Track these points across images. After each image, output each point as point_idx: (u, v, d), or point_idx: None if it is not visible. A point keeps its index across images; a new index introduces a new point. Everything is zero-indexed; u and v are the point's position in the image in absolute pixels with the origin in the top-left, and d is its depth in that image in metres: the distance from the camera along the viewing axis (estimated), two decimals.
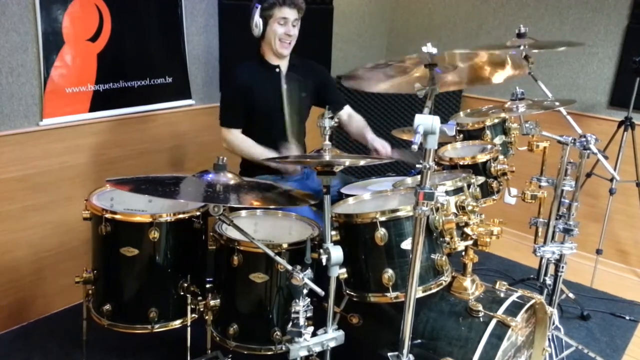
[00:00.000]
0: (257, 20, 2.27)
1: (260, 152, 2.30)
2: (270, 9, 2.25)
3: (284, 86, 2.37)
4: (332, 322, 1.60)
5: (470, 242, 1.68)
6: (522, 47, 2.38)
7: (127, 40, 2.56)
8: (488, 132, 2.29)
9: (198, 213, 1.93)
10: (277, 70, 2.38)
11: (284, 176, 2.40)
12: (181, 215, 1.89)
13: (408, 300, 1.36)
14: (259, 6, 2.25)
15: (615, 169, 2.88)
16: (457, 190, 1.79)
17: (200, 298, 1.90)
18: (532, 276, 2.89)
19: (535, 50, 2.43)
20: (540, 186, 2.21)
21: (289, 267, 1.52)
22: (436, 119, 1.23)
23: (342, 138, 3.68)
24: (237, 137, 2.35)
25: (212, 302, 1.85)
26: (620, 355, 2.49)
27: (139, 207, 2.08)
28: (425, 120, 1.23)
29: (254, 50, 2.40)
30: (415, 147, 1.19)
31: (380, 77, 1.70)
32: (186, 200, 1.92)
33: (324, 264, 1.52)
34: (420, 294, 1.55)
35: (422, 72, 1.60)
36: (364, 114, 3.72)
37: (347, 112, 2.59)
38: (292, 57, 2.42)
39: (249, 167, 2.45)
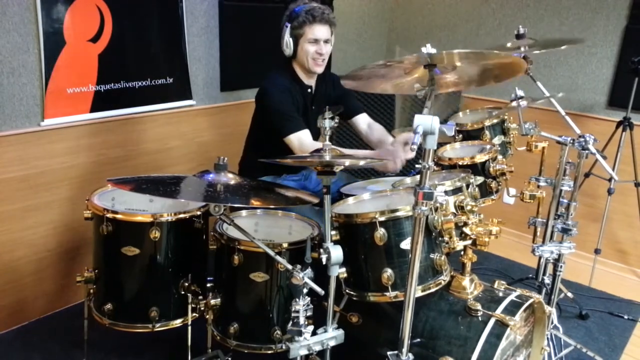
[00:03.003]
0: (288, 40, 2.21)
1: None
2: (300, 28, 2.18)
3: (313, 107, 2.37)
4: (332, 321, 1.61)
5: (469, 242, 1.68)
6: (522, 49, 2.39)
7: (128, 41, 2.57)
8: (487, 132, 2.30)
9: (199, 213, 1.94)
10: (309, 90, 2.34)
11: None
12: (182, 215, 1.90)
13: (407, 299, 1.37)
14: (289, 25, 2.19)
15: (613, 169, 2.89)
16: (456, 190, 1.80)
17: (200, 297, 1.90)
18: (530, 275, 2.91)
19: (537, 52, 2.43)
20: (538, 186, 2.22)
21: (289, 267, 1.53)
22: (435, 119, 1.24)
23: (342, 138, 3.69)
24: (313, 144, 2.16)
25: (212, 302, 1.86)
26: (619, 354, 2.50)
27: (140, 207, 2.09)
28: (425, 121, 1.24)
29: (260, 48, 2.37)
30: (414, 147, 1.21)
31: (380, 78, 1.71)
32: (187, 200, 1.93)
33: (324, 263, 1.53)
34: (419, 293, 1.56)
35: (421, 73, 1.61)
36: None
37: (366, 121, 2.50)
38: (317, 76, 2.37)
39: (248, 167, 2.46)
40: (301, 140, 2.17)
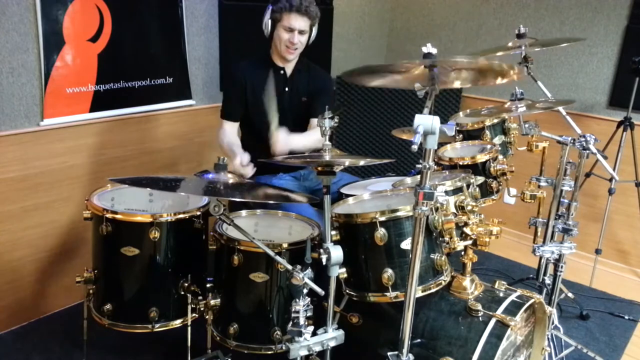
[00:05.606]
0: (267, 21, 2.27)
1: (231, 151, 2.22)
2: (279, 13, 2.22)
3: (286, 89, 2.37)
4: (332, 321, 1.60)
5: (469, 242, 1.68)
6: (523, 47, 2.38)
7: (128, 40, 2.56)
8: (487, 132, 2.30)
9: (198, 213, 1.94)
10: (282, 72, 2.36)
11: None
12: (181, 215, 1.90)
13: (408, 299, 1.37)
14: (270, 7, 2.24)
15: (614, 169, 2.88)
16: (457, 190, 1.79)
17: (200, 297, 1.90)
18: (531, 276, 2.90)
19: (537, 49, 2.43)
20: (539, 186, 2.21)
21: (289, 267, 1.53)
22: (436, 119, 1.24)
23: (342, 138, 3.69)
24: (225, 130, 2.35)
25: (212, 302, 1.85)
26: (620, 354, 2.49)
27: (140, 207, 2.09)
28: (425, 121, 1.23)
29: (260, 48, 2.39)
30: (415, 147, 1.20)
31: (379, 74, 1.69)
32: (186, 193, 1.92)
33: (324, 263, 1.53)
34: (419, 294, 1.56)
35: (421, 71, 1.60)
36: (365, 113, 3.73)
37: (312, 126, 2.41)
38: (298, 62, 2.39)
39: None
40: (222, 127, 2.37)
